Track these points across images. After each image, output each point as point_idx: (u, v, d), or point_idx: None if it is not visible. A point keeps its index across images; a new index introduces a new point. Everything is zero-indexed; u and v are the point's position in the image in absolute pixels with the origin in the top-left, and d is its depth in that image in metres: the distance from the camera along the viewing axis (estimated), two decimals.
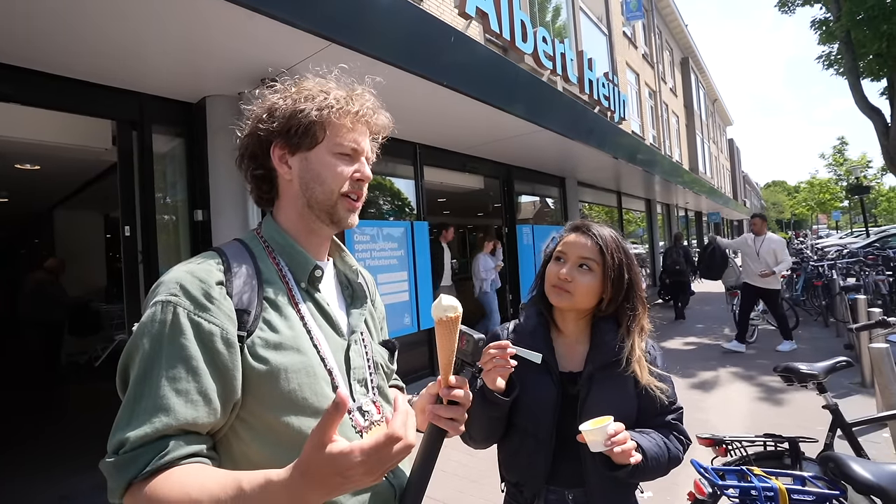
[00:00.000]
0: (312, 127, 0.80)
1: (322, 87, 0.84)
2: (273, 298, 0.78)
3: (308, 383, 0.74)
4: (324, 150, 0.82)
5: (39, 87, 2.80)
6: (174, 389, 0.65)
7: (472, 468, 3.14)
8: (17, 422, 4.53)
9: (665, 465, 1.11)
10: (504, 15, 6.13)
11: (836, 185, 39.48)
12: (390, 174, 5.15)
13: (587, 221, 1.23)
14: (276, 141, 0.83)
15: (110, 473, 0.63)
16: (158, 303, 0.70)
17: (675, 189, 11.59)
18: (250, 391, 0.72)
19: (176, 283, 0.71)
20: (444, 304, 0.78)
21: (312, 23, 2.54)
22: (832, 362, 2.09)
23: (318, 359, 0.78)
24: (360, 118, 0.84)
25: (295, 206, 0.86)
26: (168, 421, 0.64)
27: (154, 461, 0.62)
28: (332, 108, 0.81)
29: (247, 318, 0.73)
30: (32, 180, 5.39)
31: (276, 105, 0.82)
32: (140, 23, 2.39)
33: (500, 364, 0.97)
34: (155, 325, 0.68)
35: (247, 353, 0.72)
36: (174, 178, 3.62)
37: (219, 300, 0.71)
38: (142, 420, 0.64)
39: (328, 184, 0.83)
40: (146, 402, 0.64)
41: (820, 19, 11.76)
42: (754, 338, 6.65)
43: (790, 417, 3.84)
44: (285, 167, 0.84)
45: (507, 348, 0.97)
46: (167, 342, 0.67)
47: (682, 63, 21.35)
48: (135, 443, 0.62)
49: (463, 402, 0.83)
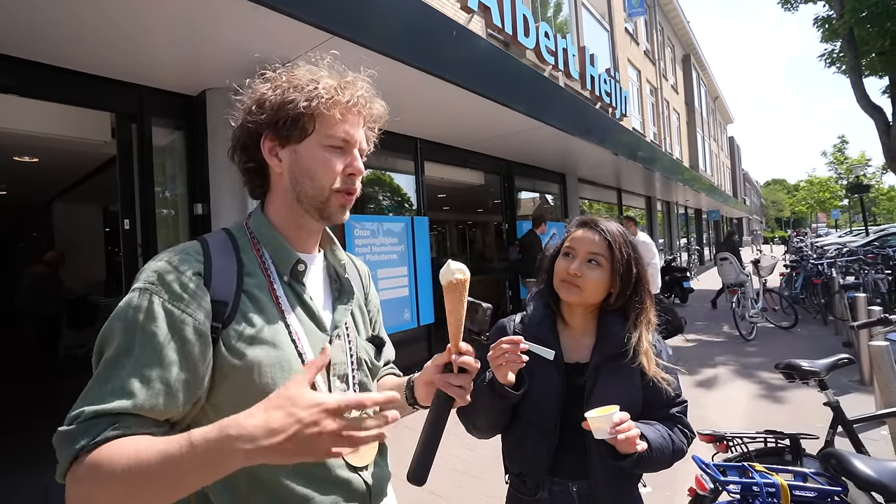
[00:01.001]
0: (301, 118, 0.78)
1: (313, 75, 0.81)
2: (253, 291, 0.77)
3: (282, 377, 0.73)
4: (314, 142, 0.80)
5: (39, 79, 2.78)
6: (139, 376, 0.65)
7: (472, 462, 3.15)
8: (7, 414, 4.53)
9: (669, 457, 1.12)
10: (506, 9, 6.10)
11: (836, 184, 39.51)
12: (391, 169, 5.14)
13: (594, 217, 1.24)
14: (266, 133, 0.80)
15: (59, 444, 0.62)
16: (136, 289, 0.70)
17: (676, 186, 11.59)
18: (225, 382, 0.72)
19: (154, 272, 0.72)
20: (453, 268, 0.77)
21: (314, 15, 2.52)
22: (834, 359, 2.08)
23: (296, 353, 0.77)
24: (352, 108, 0.81)
25: (284, 200, 0.84)
26: (126, 404, 0.63)
27: (105, 432, 0.61)
28: (321, 98, 0.77)
29: (223, 310, 0.73)
30: (31, 173, 5.36)
31: (264, 96, 0.80)
32: (141, 15, 2.37)
33: (512, 359, 0.98)
34: (130, 311, 0.69)
35: (221, 344, 0.72)
36: (174, 172, 3.60)
37: (194, 291, 0.71)
38: (101, 398, 0.63)
39: (319, 179, 0.80)
40: (110, 385, 0.64)
41: (823, 17, 11.72)
42: (753, 335, 6.66)
43: (790, 414, 3.84)
44: (275, 160, 0.82)
45: (520, 343, 0.97)
46: (139, 329, 0.68)
47: (684, 60, 21.29)
48: (88, 415, 0.62)
49: (472, 370, 0.82)
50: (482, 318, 0.83)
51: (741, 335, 6.60)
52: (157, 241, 3.30)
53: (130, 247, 3.19)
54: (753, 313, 6.86)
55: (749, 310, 6.89)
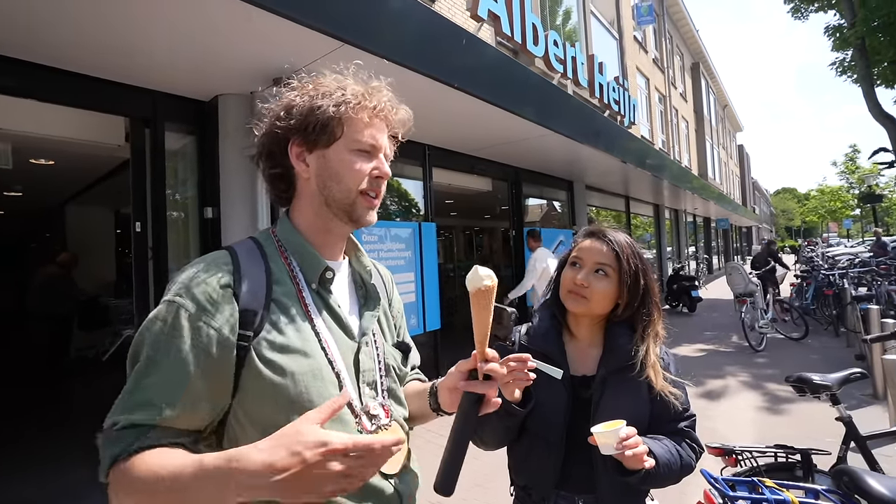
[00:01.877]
0: (330, 123, 0.79)
1: (339, 83, 0.83)
2: (282, 300, 0.78)
3: (315, 386, 0.74)
4: (342, 146, 0.81)
5: (58, 84, 2.84)
6: (164, 390, 0.68)
7: (477, 471, 3.13)
8: (25, 413, 4.58)
9: (677, 473, 1.10)
10: (516, 18, 6.13)
11: (848, 193, 39.04)
12: (399, 175, 5.16)
13: (602, 227, 1.22)
14: (294, 138, 0.82)
15: (101, 447, 0.68)
16: (165, 301, 0.73)
17: (684, 194, 11.51)
18: (257, 389, 0.72)
19: (183, 284, 0.73)
20: (481, 274, 0.76)
21: (325, 23, 2.55)
22: (846, 373, 2.05)
23: (326, 361, 0.77)
24: (378, 113, 0.83)
25: (312, 205, 0.85)
26: (149, 416, 0.67)
27: (135, 444, 0.66)
28: (349, 103, 0.80)
29: (253, 319, 0.73)
30: (46, 175, 5.45)
31: (293, 102, 0.82)
32: (156, 23, 2.41)
33: (519, 377, 0.96)
34: (157, 323, 0.71)
35: (253, 354, 0.72)
36: (185, 176, 3.64)
37: (221, 303, 0.72)
38: (130, 409, 0.68)
39: (346, 181, 0.82)
40: (137, 396, 0.69)
41: (834, 25, 11.66)
42: (763, 346, 6.58)
43: (800, 428, 3.78)
44: (303, 165, 0.83)
45: (528, 361, 0.96)
46: (165, 343, 0.70)
47: (693, 68, 21.23)
48: (122, 425, 0.67)
49: (498, 377, 0.81)
50: (507, 323, 0.81)
51: (750, 346, 6.53)
52: (168, 244, 3.34)
53: (141, 249, 3.23)
54: (763, 324, 6.78)
55: (758, 320, 6.81)
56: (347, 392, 0.68)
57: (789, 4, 12.61)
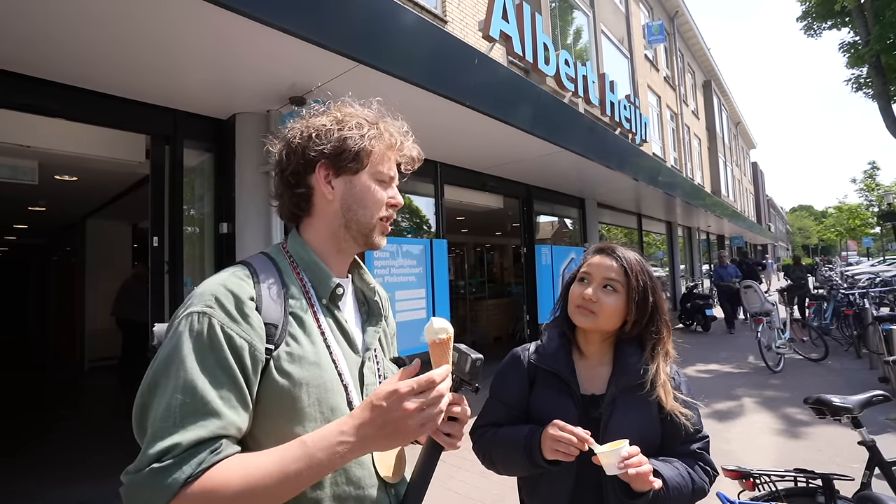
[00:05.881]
0: (361, 153, 0.85)
1: (366, 116, 0.89)
2: (297, 313, 0.80)
3: (325, 398, 0.77)
4: (367, 175, 0.87)
5: (82, 103, 2.95)
6: (219, 396, 0.68)
7: (487, 491, 3.07)
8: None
9: (688, 497, 1.07)
10: (527, 37, 6.22)
11: (867, 211, 38.26)
12: (411, 192, 5.21)
13: (611, 244, 1.23)
14: (323, 162, 0.85)
15: (152, 481, 0.61)
16: (194, 313, 0.71)
17: (697, 212, 11.40)
18: (274, 402, 0.74)
19: (211, 296, 0.73)
20: (436, 327, 0.77)
21: (341, 44, 2.62)
22: (868, 396, 1.98)
23: (336, 374, 0.80)
24: (398, 149, 0.90)
25: (330, 226, 0.88)
26: (221, 424, 0.67)
27: (209, 458, 0.64)
28: (382, 138, 0.88)
29: (274, 332, 0.76)
30: (69, 191, 5.61)
31: (325, 127, 0.86)
32: (178, 45, 2.51)
33: (568, 451, 1.01)
34: (192, 335, 0.70)
35: (272, 366, 0.74)
36: (202, 192, 3.73)
37: (249, 315, 0.74)
38: (191, 424, 0.64)
39: (370, 208, 0.88)
40: (193, 408, 0.65)
41: (848, 42, 11.62)
42: (780, 367, 6.41)
43: (820, 452, 3.66)
44: (328, 187, 0.87)
45: (585, 444, 1.00)
46: (207, 350, 0.69)
47: (705, 86, 21.24)
48: (188, 444, 0.63)
49: (461, 419, 0.82)
50: (473, 370, 0.79)
51: (767, 366, 6.36)
52: (183, 259, 3.40)
53: (157, 263, 3.29)
54: (780, 344, 6.61)
55: (775, 340, 6.65)
56: (418, 363, 0.74)
57: (802, 22, 12.64)
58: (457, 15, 6.29)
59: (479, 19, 6.29)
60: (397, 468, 0.86)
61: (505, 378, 1.26)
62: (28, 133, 3.13)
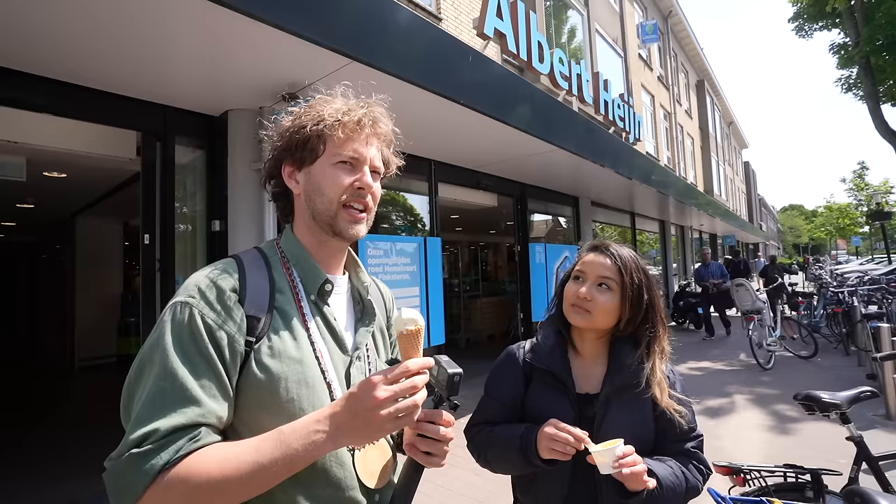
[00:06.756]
0: (311, 141, 0.84)
1: (326, 102, 0.87)
2: (283, 308, 0.80)
3: (306, 394, 0.76)
4: (324, 162, 0.85)
5: (72, 99, 2.91)
6: (199, 385, 0.68)
7: (480, 488, 3.08)
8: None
9: (682, 496, 1.07)
10: (521, 36, 6.23)
11: (857, 211, 38.73)
12: (405, 190, 5.20)
13: (605, 241, 1.23)
14: (286, 159, 0.87)
15: (131, 466, 0.62)
16: (178, 303, 0.73)
17: (690, 211, 11.49)
18: (253, 395, 0.74)
19: (195, 286, 0.75)
20: (405, 318, 0.73)
21: (334, 41, 2.61)
22: (856, 392, 2.01)
23: (319, 371, 0.79)
24: (357, 127, 0.85)
25: (304, 220, 0.89)
26: (200, 412, 0.67)
27: (187, 445, 0.64)
28: (326, 121, 0.83)
29: (256, 325, 0.76)
30: (58, 188, 5.54)
31: (283, 125, 0.87)
32: (169, 41, 2.48)
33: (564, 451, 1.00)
34: (175, 324, 0.71)
35: (252, 358, 0.74)
36: (193, 189, 3.69)
37: (231, 307, 0.75)
38: (170, 411, 0.65)
39: (327, 194, 0.84)
40: (173, 395, 0.66)
41: (839, 44, 11.74)
42: (771, 364, 6.48)
43: (810, 448, 3.70)
44: (294, 182, 0.88)
45: (582, 443, 1.00)
46: (188, 339, 0.70)
47: (698, 85, 21.37)
48: (166, 431, 0.64)
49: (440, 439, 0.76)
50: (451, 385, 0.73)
51: (758, 364, 6.43)
52: (175, 257, 3.37)
53: (149, 261, 3.26)
54: (771, 342, 6.69)
55: (766, 338, 6.72)
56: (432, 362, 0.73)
57: (794, 23, 12.76)
58: (451, 12, 6.28)
59: (473, 17, 6.28)
60: (382, 476, 0.84)
61: (500, 376, 1.26)
62: (16, 129, 3.08)
